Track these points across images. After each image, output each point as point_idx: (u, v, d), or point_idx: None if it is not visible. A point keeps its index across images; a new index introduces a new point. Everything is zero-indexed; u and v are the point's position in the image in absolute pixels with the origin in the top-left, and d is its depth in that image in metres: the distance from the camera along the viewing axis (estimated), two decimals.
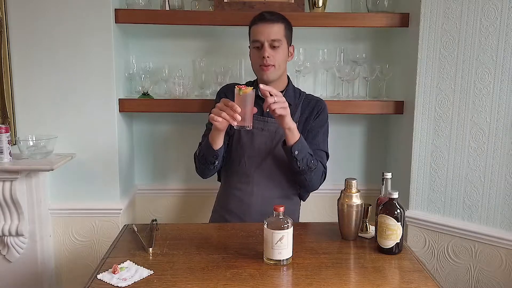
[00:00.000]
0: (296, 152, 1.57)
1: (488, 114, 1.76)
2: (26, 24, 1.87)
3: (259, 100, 1.69)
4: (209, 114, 1.48)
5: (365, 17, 2.00)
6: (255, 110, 1.48)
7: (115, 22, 1.93)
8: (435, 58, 1.85)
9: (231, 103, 1.42)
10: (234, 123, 1.43)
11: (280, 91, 1.70)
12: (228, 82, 2.00)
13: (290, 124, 1.53)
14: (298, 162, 1.59)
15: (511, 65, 1.69)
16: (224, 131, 1.56)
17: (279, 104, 1.46)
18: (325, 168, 1.72)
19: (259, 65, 1.65)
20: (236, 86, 1.44)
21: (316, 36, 2.16)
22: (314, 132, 1.72)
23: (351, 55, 2.14)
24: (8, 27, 1.87)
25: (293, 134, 1.55)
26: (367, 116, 2.29)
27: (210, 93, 2.14)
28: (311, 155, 1.62)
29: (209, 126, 1.67)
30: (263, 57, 1.62)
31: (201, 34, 2.16)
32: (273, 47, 1.63)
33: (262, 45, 1.63)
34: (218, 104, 1.45)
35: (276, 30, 1.63)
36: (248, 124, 1.45)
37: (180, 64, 2.16)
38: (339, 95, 2.18)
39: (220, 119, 1.43)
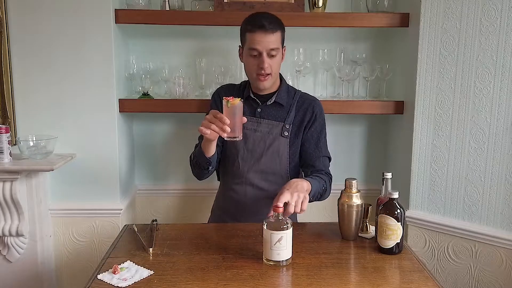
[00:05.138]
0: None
1: (488, 114, 1.76)
2: (26, 24, 1.87)
3: (252, 101, 1.70)
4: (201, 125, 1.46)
5: (365, 17, 2.00)
6: (245, 120, 1.47)
7: (115, 23, 1.93)
8: (435, 58, 1.85)
9: (220, 115, 1.41)
10: (224, 135, 1.42)
11: (273, 92, 1.70)
12: (228, 82, 2.00)
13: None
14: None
15: (511, 65, 1.69)
16: (216, 141, 1.55)
17: (299, 203, 1.39)
18: (330, 176, 1.69)
19: (256, 73, 1.62)
20: (224, 98, 1.43)
21: (316, 36, 2.16)
22: (315, 138, 1.69)
23: (351, 55, 2.14)
24: (8, 27, 1.87)
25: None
26: (367, 116, 2.29)
27: (210, 93, 2.13)
28: (321, 187, 1.59)
29: None
30: (261, 67, 1.59)
31: (201, 34, 2.16)
32: (271, 56, 1.59)
33: (260, 54, 1.59)
34: (207, 116, 1.44)
35: (274, 40, 1.58)
36: (238, 135, 1.45)
37: (180, 64, 2.16)
38: (339, 95, 2.18)
39: (209, 131, 1.43)
